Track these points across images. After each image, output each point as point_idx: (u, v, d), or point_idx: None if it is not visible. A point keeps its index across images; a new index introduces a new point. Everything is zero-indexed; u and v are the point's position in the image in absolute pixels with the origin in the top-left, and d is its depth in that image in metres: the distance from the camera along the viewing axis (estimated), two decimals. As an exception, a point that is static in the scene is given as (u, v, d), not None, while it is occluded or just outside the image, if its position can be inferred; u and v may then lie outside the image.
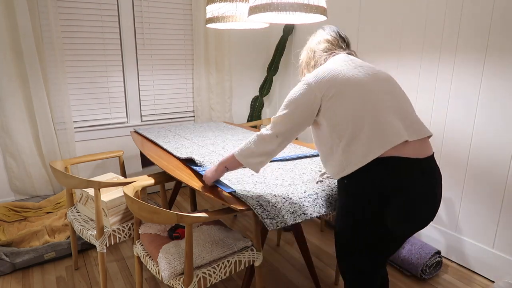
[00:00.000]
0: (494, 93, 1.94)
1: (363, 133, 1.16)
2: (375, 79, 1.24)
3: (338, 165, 1.22)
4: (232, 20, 1.82)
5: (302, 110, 1.25)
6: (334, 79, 1.22)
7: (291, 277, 2.09)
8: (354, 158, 1.17)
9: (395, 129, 1.16)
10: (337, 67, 1.26)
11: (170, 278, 1.38)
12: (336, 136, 1.21)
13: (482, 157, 2.04)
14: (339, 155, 1.21)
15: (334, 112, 1.20)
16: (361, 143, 1.16)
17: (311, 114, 1.25)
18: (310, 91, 1.23)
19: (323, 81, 1.23)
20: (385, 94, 1.22)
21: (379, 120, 1.17)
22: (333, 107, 1.20)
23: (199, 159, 1.84)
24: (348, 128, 1.18)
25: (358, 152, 1.16)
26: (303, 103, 1.24)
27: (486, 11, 1.91)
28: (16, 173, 2.69)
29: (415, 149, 1.17)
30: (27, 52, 2.50)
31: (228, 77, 3.48)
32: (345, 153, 1.19)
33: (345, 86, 1.20)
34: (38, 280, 2.03)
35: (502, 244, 2.01)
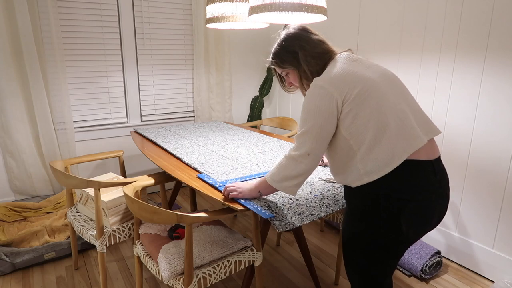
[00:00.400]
0: (494, 93, 1.94)
1: (385, 139, 1.09)
2: (386, 80, 1.17)
3: (356, 173, 1.14)
4: (232, 20, 1.82)
5: (326, 120, 1.13)
6: (352, 80, 1.13)
7: (291, 277, 2.09)
8: (376, 166, 1.10)
9: (416, 132, 1.11)
10: (349, 67, 1.16)
11: (170, 278, 1.38)
12: (354, 143, 1.12)
13: (482, 157, 2.04)
14: (355, 163, 1.13)
15: (353, 118, 1.11)
16: (383, 150, 1.09)
17: (334, 121, 1.14)
18: (328, 96, 1.12)
19: (341, 82, 1.13)
20: (398, 95, 1.16)
21: (400, 124, 1.10)
22: (353, 112, 1.11)
23: (204, 167, 1.82)
24: (369, 133, 1.09)
25: (380, 159, 1.09)
26: (324, 110, 1.12)
27: (486, 11, 1.91)
28: (16, 173, 2.69)
29: (427, 151, 1.13)
30: (27, 52, 2.50)
31: (228, 77, 3.48)
32: (364, 160, 1.11)
33: (363, 89, 1.11)
34: (38, 280, 2.03)
35: (502, 244, 2.01)
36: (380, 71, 1.19)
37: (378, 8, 2.51)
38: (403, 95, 1.17)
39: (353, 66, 1.17)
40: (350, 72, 1.14)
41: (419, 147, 1.10)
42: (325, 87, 1.13)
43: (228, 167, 1.73)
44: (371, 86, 1.12)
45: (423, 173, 1.11)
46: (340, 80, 1.13)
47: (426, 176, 1.12)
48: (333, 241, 2.49)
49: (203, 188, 1.48)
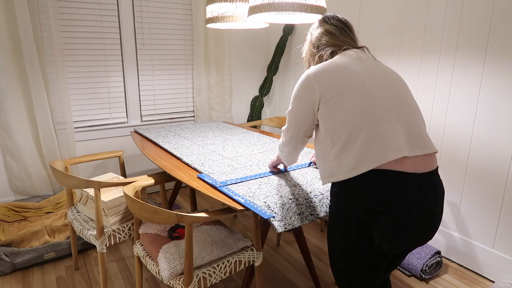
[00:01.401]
0: (494, 93, 1.94)
1: (358, 143, 1.07)
2: (383, 84, 1.14)
3: (329, 169, 1.15)
4: (232, 20, 1.82)
5: (303, 107, 1.20)
6: (335, 79, 1.13)
7: (291, 277, 2.09)
8: (344, 167, 1.09)
9: (394, 142, 1.06)
10: (342, 65, 1.17)
11: (170, 278, 1.38)
12: (330, 139, 1.14)
13: (482, 157, 2.04)
14: (331, 159, 1.14)
15: (331, 115, 1.13)
16: (353, 154, 1.07)
17: (311, 112, 1.19)
18: (309, 86, 1.17)
19: (324, 78, 1.15)
20: (392, 101, 1.12)
21: (378, 131, 1.06)
22: (330, 110, 1.13)
23: (203, 167, 1.82)
24: (343, 135, 1.10)
25: (349, 162, 1.08)
26: (304, 99, 1.19)
27: (486, 11, 1.91)
28: (16, 173, 2.69)
29: (413, 164, 1.06)
30: (27, 52, 2.50)
31: (228, 77, 3.48)
32: (337, 158, 1.12)
33: (346, 90, 1.11)
34: (38, 280, 2.03)
35: (502, 244, 2.01)
36: (380, 73, 1.16)
37: (378, 8, 2.51)
38: (401, 102, 1.13)
39: (351, 64, 1.17)
40: (341, 70, 1.15)
41: (393, 159, 1.04)
42: (310, 78, 1.18)
43: (228, 167, 1.73)
44: (356, 88, 1.11)
45: (403, 186, 1.04)
46: (326, 76, 1.15)
47: (406, 190, 1.04)
48: (333, 241, 2.49)
49: (203, 188, 1.48)
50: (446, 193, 2.25)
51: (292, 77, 3.57)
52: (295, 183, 1.53)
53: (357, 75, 1.14)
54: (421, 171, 1.07)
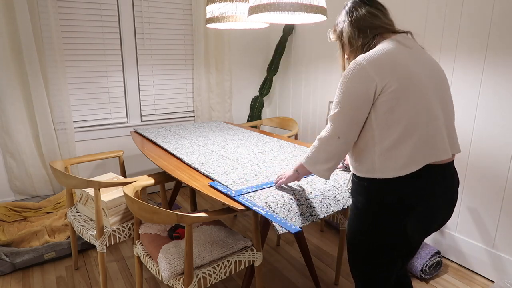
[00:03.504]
0: (494, 93, 1.94)
1: (409, 142, 1.03)
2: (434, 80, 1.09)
3: (369, 164, 1.10)
4: (232, 20, 1.82)
5: (362, 104, 1.05)
6: (397, 70, 1.03)
7: (291, 277, 2.09)
8: (392, 165, 1.05)
9: (443, 143, 1.07)
10: (397, 54, 1.06)
11: (170, 278, 1.38)
12: (379, 134, 1.06)
13: (482, 157, 2.04)
14: (374, 155, 1.08)
15: (387, 109, 1.03)
16: (404, 152, 1.04)
17: (369, 106, 1.06)
18: (367, 77, 1.03)
19: (384, 70, 1.03)
20: (440, 100, 1.10)
21: (430, 131, 1.05)
22: (389, 103, 1.03)
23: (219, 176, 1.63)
24: (396, 132, 1.04)
25: (399, 160, 1.04)
26: (361, 93, 1.04)
27: (486, 11, 1.91)
28: (16, 173, 2.69)
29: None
30: (27, 52, 2.50)
31: (228, 77, 3.48)
32: (382, 156, 1.06)
33: (408, 83, 1.03)
34: (38, 280, 2.03)
35: (502, 244, 2.01)
36: (430, 68, 1.11)
37: (378, 8, 2.50)
38: (444, 101, 1.12)
39: (403, 54, 1.07)
40: (398, 60, 1.05)
41: (443, 159, 1.07)
42: (366, 67, 1.04)
43: (228, 167, 1.73)
44: (414, 84, 1.04)
45: (432, 178, 1.08)
46: (385, 65, 1.03)
47: (435, 181, 1.09)
48: (333, 241, 2.49)
49: (203, 188, 1.47)
50: (446, 193, 2.25)
51: (292, 77, 3.57)
52: (296, 183, 1.53)
53: (414, 69, 1.06)
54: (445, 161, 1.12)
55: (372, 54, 1.06)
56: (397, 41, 1.10)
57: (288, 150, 2.05)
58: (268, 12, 1.35)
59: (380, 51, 1.06)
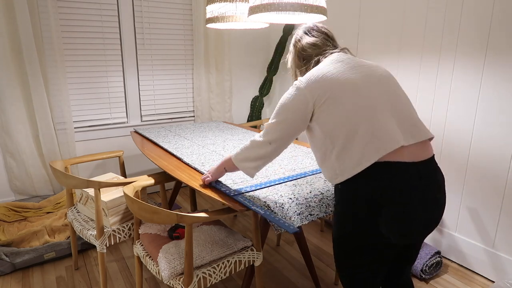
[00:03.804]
0: (494, 93, 1.94)
1: (357, 140, 1.11)
2: (371, 80, 1.19)
3: (332, 171, 1.18)
4: (232, 20, 1.82)
5: (294, 117, 1.21)
6: (326, 83, 1.17)
7: (291, 277, 2.09)
8: (348, 165, 1.12)
9: (390, 134, 1.11)
10: (330, 69, 1.21)
11: (170, 278, 1.38)
12: (329, 142, 1.17)
13: (482, 157, 2.04)
14: (332, 161, 1.17)
15: (327, 118, 1.16)
16: (355, 150, 1.11)
17: (303, 120, 1.21)
18: (301, 97, 1.19)
19: (315, 86, 1.18)
20: (382, 95, 1.17)
21: (374, 125, 1.11)
22: (326, 113, 1.16)
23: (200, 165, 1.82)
24: (341, 134, 1.13)
25: (352, 159, 1.12)
26: (295, 109, 1.20)
27: (486, 11, 1.91)
28: (16, 173, 2.69)
29: (411, 153, 1.11)
30: (27, 52, 2.50)
31: (228, 77, 3.48)
32: (338, 159, 1.15)
33: (339, 91, 1.16)
34: (38, 280, 2.03)
35: (502, 244, 2.01)
36: (366, 72, 1.21)
37: (378, 8, 2.51)
38: (390, 95, 1.19)
39: (335, 68, 1.21)
40: (328, 75, 1.19)
41: (393, 149, 1.08)
42: (300, 88, 1.20)
43: (243, 174, 1.70)
44: (348, 88, 1.15)
45: (404, 175, 1.09)
46: (315, 83, 1.18)
47: (407, 179, 1.09)
48: (333, 241, 2.49)
49: (203, 188, 1.48)
50: (447, 193, 2.25)
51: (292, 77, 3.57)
52: (295, 182, 1.53)
53: (346, 75, 1.18)
54: (419, 159, 1.12)
55: (306, 76, 1.22)
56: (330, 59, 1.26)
57: (288, 150, 2.05)
58: (268, 12, 1.35)
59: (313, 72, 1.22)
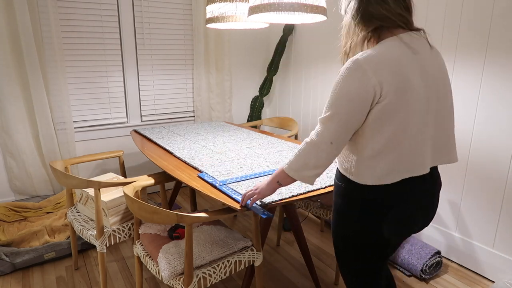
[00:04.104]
0: (494, 93, 1.94)
1: (392, 155, 1.00)
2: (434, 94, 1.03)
3: (347, 165, 1.09)
4: (232, 20, 1.82)
5: (357, 106, 0.97)
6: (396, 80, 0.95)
7: (291, 277, 2.09)
8: (368, 174, 1.03)
9: (422, 159, 1.04)
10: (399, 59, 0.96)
11: (170, 278, 1.38)
12: (361, 142, 1.03)
13: (482, 157, 2.04)
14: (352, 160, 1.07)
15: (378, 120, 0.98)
16: (384, 164, 1.01)
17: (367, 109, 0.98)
18: (366, 79, 0.94)
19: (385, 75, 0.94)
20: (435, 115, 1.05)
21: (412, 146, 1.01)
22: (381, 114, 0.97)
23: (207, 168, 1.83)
24: (380, 143, 1.00)
25: (376, 170, 1.02)
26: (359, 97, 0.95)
27: (486, 11, 1.91)
28: (16, 173, 2.69)
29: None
30: (27, 52, 2.50)
31: (228, 77, 3.48)
32: (361, 163, 1.05)
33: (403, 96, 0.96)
34: (38, 280, 2.03)
35: (502, 244, 2.01)
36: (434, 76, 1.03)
37: (378, 8, 2.50)
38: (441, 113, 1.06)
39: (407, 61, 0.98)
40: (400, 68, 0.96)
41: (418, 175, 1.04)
42: (366, 69, 0.94)
43: (230, 167, 1.73)
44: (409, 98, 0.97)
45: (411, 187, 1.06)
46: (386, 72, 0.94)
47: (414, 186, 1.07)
48: (333, 241, 2.49)
49: (203, 188, 1.48)
50: (447, 193, 2.25)
51: (292, 77, 3.57)
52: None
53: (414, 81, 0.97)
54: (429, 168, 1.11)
55: (373, 55, 0.96)
56: (404, 43, 0.99)
57: (274, 145, 2.13)
58: (268, 12, 1.35)
59: (382, 53, 0.96)
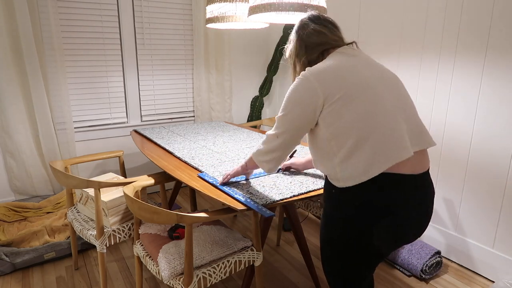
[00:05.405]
0: (494, 93, 1.94)
1: (367, 147, 1.03)
2: (384, 83, 1.11)
3: (332, 172, 1.11)
4: (232, 20, 1.82)
5: (302, 112, 1.11)
6: (340, 79, 1.07)
7: (291, 277, 2.09)
8: (353, 172, 1.04)
9: (402, 143, 1.05)
10: (342, 65, 1.11)
11: (170, 278, 1.38)
12: (335, 144, 1.08)
13: (482, 157, 2.04)
14: (335, 164, 1.09)
15: (337, 118, 1.06)
16: (363, 158, 1.03)
17: (312, 116, 1.11)
18: (311, 91, 1.08)
19: (327, 81, 1.08)
20: (394, 99, 1.10)
21: (386, 133, 1.04)
22: (335, 113, 1.06)
23: (202, 165, 1.84)
24: (351, 138, 1.04)
25: (359, 166, 1.04)
26: (304, 103, 1.10)
27: (486, 11, 1.91)
28: (16, 173, 2.69)
29: (413, 165, 1.07)
30: (27, 52, 2.50)
31: (228, 77, 3.48)
32: (343, 164, 1.06)
33: (353, 91, 1.06)
34: (38, 280, 2.03)
35: (502, 244, 2.01)
36: (380, 71, 1.14)
37: (378, 8, 2.51)
38: (400, 100, 1.12)
39: (349, 63, 1.12)
40: (342, 70, 1.09)
41: (403, 159, 1.03)
42: (310, 80, 1.10)
43: (230, 167, 1.73)
44: (363, 88, 1.07)
45: (404, 189, 1.06)
46: (328, 77, 1.09)
47: (407, 192, 1.06)
48: (333, 241, 2.49)
49: (203, 188, 1.48)
50: (446, 193, 2.25)
51: (292, 77, 3.57)
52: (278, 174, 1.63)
53: (360, 74, 1.09)
54: (419, 172, 1.09)
55: (316, 67, 1.12)
56: (341, 53, 1.16)
57: None
58: (268, 12, 1.35)
59: (324, 65, 1.12)
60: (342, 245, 1.16)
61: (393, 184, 1.05)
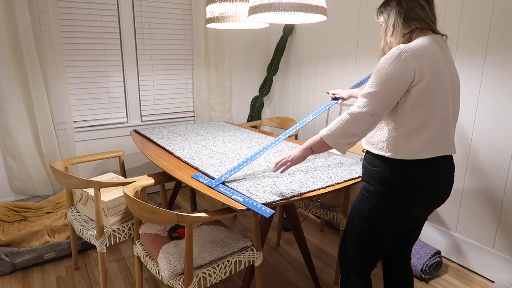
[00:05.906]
0: (495, 93, 1.94)
1: (427, 133, 1.15)
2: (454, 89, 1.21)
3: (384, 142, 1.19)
4: (232, 20, 1.82)
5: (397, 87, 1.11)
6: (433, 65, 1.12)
7: (291, 277, 2.09)
8: (406, 149, 1.15)
9: (451, 140, 1.22)
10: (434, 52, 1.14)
11: (170, 278, 1.38)
12: (401, 119, 1.15)
13: (482, 157, 2.04)
14: (391, 136, 1.18)
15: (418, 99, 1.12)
16: (421, 141, 1.15)
17: (401, 93, 1.13)
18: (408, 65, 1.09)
19: (424, 61, 1.11)
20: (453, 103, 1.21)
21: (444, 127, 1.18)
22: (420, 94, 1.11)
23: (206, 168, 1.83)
24: (418, 120, 1.14)
25: (413, 146, 1.15)
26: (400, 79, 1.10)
27: (486, 11, 1.91)
28: (16, 173, 2.69)
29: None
30: (27, 52, 2.50)
31: (228, 77, 3.48)
32: (399, 138, 1.16)
33: (438, 80, 1.13)
34: (38, 280, 2.03)
35: (502, 244, 2.01)
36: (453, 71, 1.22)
37: (378, 8, 2.50)
38: (455, 104, 1.24)
39: (439, 55, 1.16)
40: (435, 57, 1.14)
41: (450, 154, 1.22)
42: (408, 56, 1.09)
43: (230, 167, 1.73)
44: (442, 82, 1.14)
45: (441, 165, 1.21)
46: (424, 59, 1.11)
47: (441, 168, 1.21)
48: (333, 241, 2.49)
49: (203, 188, 1.48)
50: (446, 193, 2.26)
51: (292, 77, 3.57)
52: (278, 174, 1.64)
53: (443, 70, 1.16)
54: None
55: (414, 45, 1.12)
56: (435, 41, 1.18)
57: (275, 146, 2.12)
58: (268, 12, 1.35)
59: (421, 44, 1.13)
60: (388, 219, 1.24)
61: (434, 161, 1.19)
